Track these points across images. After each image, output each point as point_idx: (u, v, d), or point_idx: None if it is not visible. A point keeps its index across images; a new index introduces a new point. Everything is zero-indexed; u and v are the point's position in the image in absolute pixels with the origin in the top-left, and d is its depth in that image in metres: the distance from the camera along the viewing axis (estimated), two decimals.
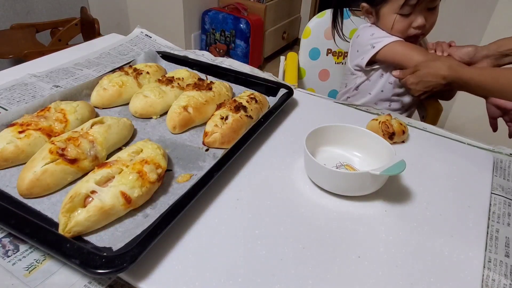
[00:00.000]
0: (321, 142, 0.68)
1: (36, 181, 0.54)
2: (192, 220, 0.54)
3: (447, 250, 0.53)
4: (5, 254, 0.47)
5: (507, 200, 0.62)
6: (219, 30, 2.66)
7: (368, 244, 0.53)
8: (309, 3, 3.08)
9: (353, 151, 0.69)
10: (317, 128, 0.66)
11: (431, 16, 0.90)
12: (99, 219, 0.49)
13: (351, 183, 0.59)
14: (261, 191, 0.60)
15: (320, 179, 0.61)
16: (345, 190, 0.60)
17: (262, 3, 2.66)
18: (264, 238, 0.52)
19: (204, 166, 0.64)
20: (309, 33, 1.24)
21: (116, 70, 0.85)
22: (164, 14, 2.55)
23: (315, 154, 0.67)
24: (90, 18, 1.93)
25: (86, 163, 0.58)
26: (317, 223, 0.55)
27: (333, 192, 0.60)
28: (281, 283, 0.46)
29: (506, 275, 0.50)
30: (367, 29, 0.99)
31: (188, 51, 1.02)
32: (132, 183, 0.52)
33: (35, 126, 0.62)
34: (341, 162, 0.67)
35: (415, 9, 0.88)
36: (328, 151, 0.69)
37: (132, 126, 0.71)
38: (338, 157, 0.68)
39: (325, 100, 0.89)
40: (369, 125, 0.74)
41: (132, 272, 0.46)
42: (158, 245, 0.49)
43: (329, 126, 0.67)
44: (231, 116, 0.71)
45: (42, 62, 0.95)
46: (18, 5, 2.08)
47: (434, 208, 0.59)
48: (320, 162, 0.58)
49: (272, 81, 0.87)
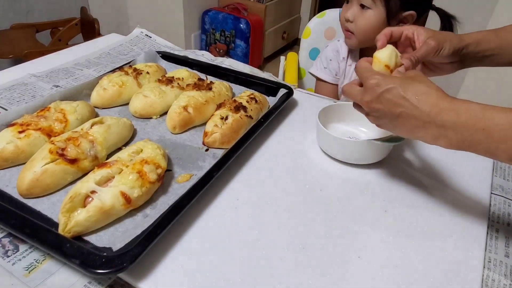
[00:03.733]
0: (331, 119, 0.75)
1: (36, 181, 0.54)
2: (192, 220, 0.54)
3: (447, 250, 0.53)
4: (5, 254, 0.47)
5: (507, 200, 0.62)
6: (219, 30, 2.66)
7: (368, 244, 0.53)
8: (309, 3, 3.08)
9: (360, 127, 0.75)
10: (328, 106, 0.72)
11: (361, 16, 0.89)
12: (99, 219, 0.49)
13: (355, 150, 0.66)
14: (261, 191, 0.60)
15: (330, 148, 0.69)
16: (351, 158, 0.67)
17: (262, 3, 2.66)
18: (264, 238, 0.52)
19: (204, 166, 0.64)
20: (309, 33, 1.24)
21: (116, 70, 0.85)
22: (164, 14, 2.55)
23: (326, 129, 0.69)
24: (90, 18, 1.93)
25: (86, 163, 0.58)
26: (317, 223, 0.55)
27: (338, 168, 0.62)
28: (281, 283, 0.46)
29: (506, 275, 0.50)
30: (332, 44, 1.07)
31: (188, 51, 1.02)
32: (132, 183, 0.52)
33: (35, 126, 0.62)
34: (350, 137, 0.74)
35: None
36: (337, 127, 0.76)
37: (132, 126, 0.71)
38: (347, 132, 0.76)
39: (325, 100, 0.89)
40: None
41: (132, 272, 0.46)
42: (158, 245, 0.49)
43: (339, 104, 0.75)
44: (231, 116, 0.71)
45: (42, 62, 0.95)
46: (18, 5, 2.08)
47: (434, 208, 0.59)
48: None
49: (272, 81, 0.87)
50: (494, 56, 0.59)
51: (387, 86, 0.48)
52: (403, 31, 0.60)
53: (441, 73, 0.62)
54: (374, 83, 0.49)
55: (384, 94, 0.48)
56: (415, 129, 0.47)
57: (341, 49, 1.04)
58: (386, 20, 0.87)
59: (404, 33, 0.60)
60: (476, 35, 0.59)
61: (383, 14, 0.86)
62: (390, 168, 0.67)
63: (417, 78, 0.49)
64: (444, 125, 0.44)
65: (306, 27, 1.25)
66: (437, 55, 0.56)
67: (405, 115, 0.47)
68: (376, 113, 0.50)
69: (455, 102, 0.44)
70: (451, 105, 0.44)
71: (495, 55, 0.58)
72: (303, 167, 0.67)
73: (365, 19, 0.88)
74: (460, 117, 0.43)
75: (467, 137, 0.43)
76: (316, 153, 0.71)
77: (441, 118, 0.44)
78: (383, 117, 0.50)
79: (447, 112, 0.44)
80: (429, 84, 0.47)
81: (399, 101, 0.47)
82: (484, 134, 0.42)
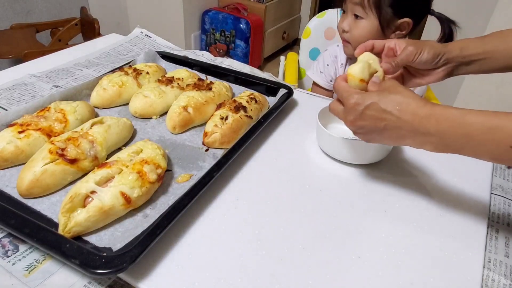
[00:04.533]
0: (331, 119, 0.74)
1: (36, 181, 0.54)
2: (192, 220, 0.54)
3: (447, 250, 0.53)
4: (5, 254, 0.47)
5: (507, 200, 0.62)
6: (219, 30, 2.66)
7: (368, 244, 0.53)
8: (309, 3, 3.08)
9: None
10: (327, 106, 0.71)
11: (355, 26, 0.89)
12: (99, 219, 0.49)
13: (355, 150, 0.65)
14: (261, 191, 0.60)
15: (330, 148, 0.69)
16: (351, 158, 0.67)
17: (262, 3, 2.66)
18: (264, 238, 0.52)
19: (204, 166, 0.64)
20: (309, 33, 1.24)
21: (116, 70, 0.85)
22: (164, 14, 2.55)
23: (326, 129, 0.69)
24: (90, 18, 1.93)
25: (86, 163, 0.58)
26: (317, 223, 0.55)
27: (338, 166, 0.60)
28: (281, 283, 0.46)
29: (506, 275, 0.50)
30: (331, 48, 1.07)
31: (188, 51, 1.02)
32: (132, 183, 0.52)
33: (35, 126, 0.62)
34: (350, 137, 0.72)
35: (346, 8, 0.90)
36: (337, 127, 0.76)
37: (132, 126, 0.71)
38: (347, 132, 0.75)
39: (325, 100, 0.89)
40: None
41: (131, 272, 0.46)
42: (158, 245, 0.49)
43: None
44: (231, 116, 0.71)
45: (42, 62, 0.95)
46: (18, 5, 2.08)
47: (434, 208, 0.59)
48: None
49: (272, 81, 0.87)
50: (482, 61, 0.59)
51: (366, 103, 0.49)
52: (385, 43, 0.61)
53: (430, 79, 0.62)
54: (354, 103, 0.51)
55: (365, 112, 0.50)
56: (402, 138, 0.49)
57: (339, 55, 1.04)
58: (380, 29, 0.87)
59: (386, 45, 0.61)
60: (461, 41, 0.61)
61: (376, 23, 0.87)
62: (390, 168, 0.67)
63: (393, 90, 0.50)
64: (427, 133, 0.46)
65: (306, 27, 1.25)
66: (418, 59, 0.58)
67: (390, 127, 0.49)
68: (362, 130, 0.52)
69: (434, 109, 0.46)
70: (430, 112, 0.46)
71: (482, 60, 0.59)
72: (303, 167, 0.67)
73: (359, 29, 0.89)
74: (441, 125, 0.45)
75: (450, 142, 0.45)
76: (316, 153, 0.71)
77: (423, 126, 0.46)
78: (370, 132, 0.52)
79: (427, 120, 0.46)
80: (407, 94, 0.48)
81: (381, 115, 0.49)
82: (465, 139, 0.44)
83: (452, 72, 0.61)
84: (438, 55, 0.58)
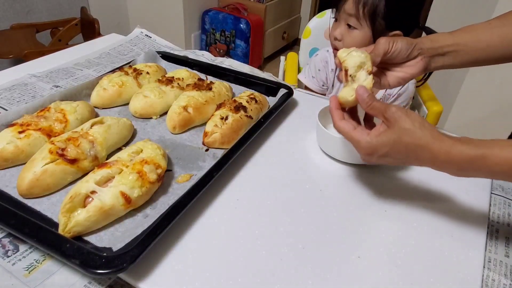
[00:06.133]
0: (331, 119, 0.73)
1: (36, 181, 0.54)
2: (192, 220, 0.54)
3: (447, 250, 0.53)
4: (5, 254, 0.47)
5: (507, 200, 0.62)
6: (219, 30, 2.66)
7: (368, 244, 0.53)
8: (309, 3, 3.08)
9: None
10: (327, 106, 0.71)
11: (348, 36, 0.90)
12: (99, 219, 0.50)
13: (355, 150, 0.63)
14: (261, 191, 0.60)
15: (330, 148, 0.69)
16: (351, 158, 0.66)
17: (262, 3, 2.66)
18: (264, 238, 0.52)
19: (204, 166, 0.64)
20: (309, 33, 1.24)
21: (116, 70, 0.85)
22: (164, 14, 2.55)
23: (326, 129, 0.69)
24: (90, 18, 1.93)
25: (86, 163, 0.58)
26: (317, 222, 0.55)
27: (337, 166, 0.60)
28: (281, 283, 0.46)
29: (506, 275, 0.50)
30: (321, 53, 1.07)
31: (188, 51, 1.02)
32: (132, 183, 0.52)
33: (35, 126, 0.62)
34: None
35: (339, 17, 0.91)
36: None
37: (132, 126, 0.71)
38: None
39: (325, 100, 0.89)
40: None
41: (132, 272, 0.46)
42: (158, 245, 0.49)
43: None
44: (231, 116, 0.71)
45: (42, 62, 0.95)
46: (18, 5, 2.08)
47: (434, 208, 0.59)
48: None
49: (272, 81, 0.87)
50: (455, 53, 0.61)
51: (381, 152, 0.51)
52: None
53: (411, 70, 0.63)
54: (367, 152, 0.52)
55: (382, 158, 0.52)
56: (422, 165, 0.52)
57: (330, 60, 1.05)
58: (372, 40, 0.88)
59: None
60: (432, 35, 0.64)
61: (369, 34, 0.88)
62: (390, 168, 0.67)
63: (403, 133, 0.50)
64: (444, 167, 0.49)
65: (306, 27, 1.25)
66: (392, 48, 0.60)
67: (409, 162, 0.53)
68: (382, 163, 0.54)
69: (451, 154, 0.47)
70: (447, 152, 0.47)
71: (454, 52, 0.61)
72: (303, 167, 0.67)
73: (352, 38, 0.90)
74: (454, 164, 0.48)
75: (466, 173, 0.48)
76: (316, 153, 0.71)
77: (439, 163, 0.49)
78: (391, 164, 0.60)
79: (444, 158, 0.48)
80: (415, 135, 0.49)
81: (400, 157, 0.51)
82: (480, 172, 0.47)
83: (430, 64, 0.63)
84: (411, 44, 0.61)
